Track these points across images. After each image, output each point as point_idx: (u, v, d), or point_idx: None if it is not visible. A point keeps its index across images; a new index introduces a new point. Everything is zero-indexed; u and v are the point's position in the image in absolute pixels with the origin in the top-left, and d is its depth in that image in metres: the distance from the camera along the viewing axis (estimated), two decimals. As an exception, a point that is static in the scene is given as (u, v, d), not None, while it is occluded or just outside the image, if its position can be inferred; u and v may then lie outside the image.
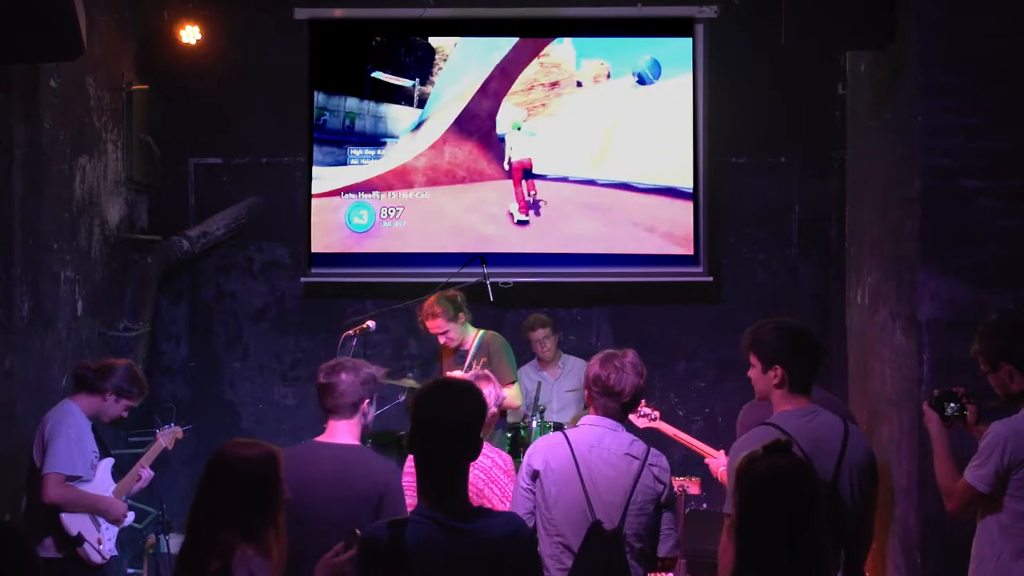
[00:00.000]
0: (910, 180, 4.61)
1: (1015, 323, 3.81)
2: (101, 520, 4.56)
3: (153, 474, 4.83)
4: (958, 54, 4.49)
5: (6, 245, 5.06)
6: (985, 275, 4.45)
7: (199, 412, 6.75)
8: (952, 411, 3.73)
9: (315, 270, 6.99)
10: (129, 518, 4.74)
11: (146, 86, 6.69)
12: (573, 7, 6.97)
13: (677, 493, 4.35)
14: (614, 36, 6.97)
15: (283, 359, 7.18)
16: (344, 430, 3.52)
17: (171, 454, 5.11)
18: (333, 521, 3.25)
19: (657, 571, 3.71)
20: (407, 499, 3.44)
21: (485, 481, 3.93)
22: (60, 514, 4.38)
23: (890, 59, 4.94)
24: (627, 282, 6.95)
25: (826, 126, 6.81)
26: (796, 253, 7.05)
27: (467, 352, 5.59)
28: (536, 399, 5.90)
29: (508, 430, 5.66)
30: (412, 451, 2.64)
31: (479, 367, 5.37)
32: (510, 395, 5.46)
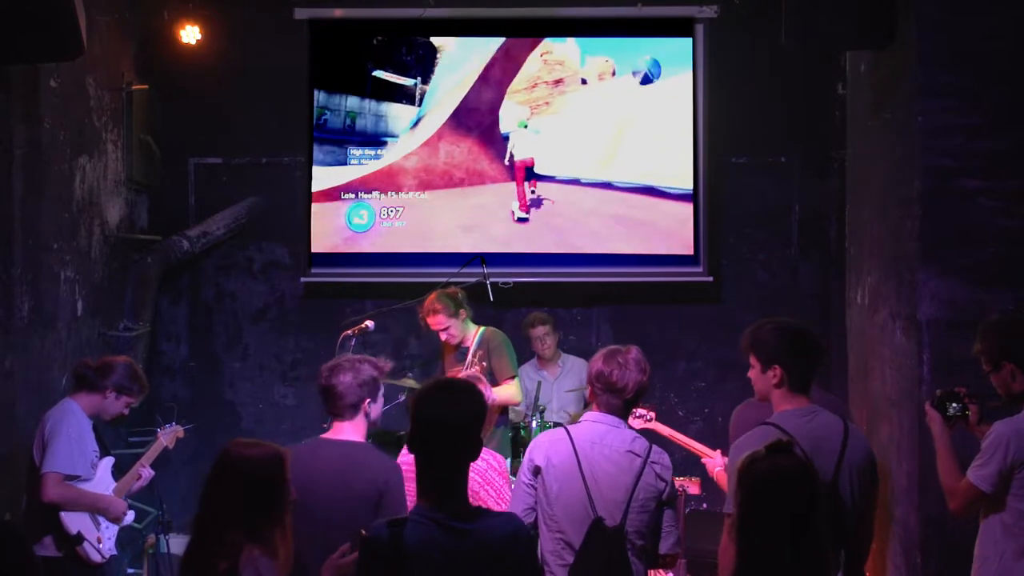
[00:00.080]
0: (910, 180, 4.61)
1: (1017, 323, 3.82)
2: (101, 519, 4.55)
3: (153, 473, 4.83)
4: (958, 54, 4.49)
5: (6, 245, 5.06)
6: (985, 275, 4.45)
7: (199, 412, 6.75)
8: (954, 411, 3.73)
9: (315, 270, 6.99)
10: (129, 517, 4.73)
11: (146, 86, 6.69)
12: (573, 7, 6.97)
13: (678, 492, 4.35)
14: (614, 36, 6.97)
15: (283, 359, 7.18)
16: (348, 429, 3.54)
17: (171, 454, 5.11)
18: (333, 518, 3.26)
19: (658, 569, 3.71)
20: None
21: (480, 484, 3.92)
22: (60, 513, 4.38)
23: (890, 59, 4.94)
24: (627, 282, 6.95)
25: (826, 126, 6.81)
26: (796, 253, 7.05)
27: (468, 349, 5.59)
28: (536, 399, 5.90)
29: (509, 429, 5.65)
30: (413, 451, 2.64)
31: (477, 364, 5.36)
32: (510, 391, 5.45)
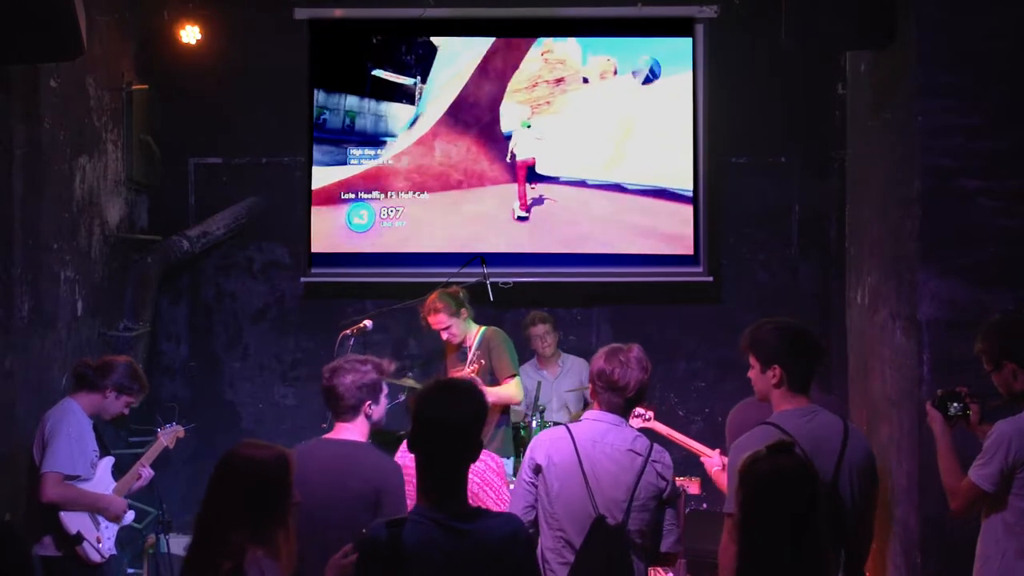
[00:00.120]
0: (910, 180, 4.61)
1: (1018, 322, 3.82)
2: (100, 519, 4.55)
3: (153, 473, 4.82)
4: (958, 54, 4.49)
5: (6, 245, 5.06)
6: (985, 275, 4.45)
7: (199, 412, 6.74)
8: (955, 411, 3.73)
9: (315, 270, 6.98)
10: (129, 517, 4.73)
11: (146, 86, 6.68)
12: (574, 7, 6.96)
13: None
14: (614, 36, 6.97)
15: (283, 359, 7.17)
16: (348, 429, 3.54)
17: (171, 454, 5.10)
18: (331, 517, 3.26)
19: (658, 567, 3.71)
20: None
21: (480, 485, 3.92)
22: (59, 513, 4.38)
23: (890, 59, 4.94)
24: (627, 282, 6.95)
25: (826, 126, 6.81)
26: (796, 253, 7.05)
27: (469, 348, 5.59)
28: (536, 398, 5.90)
29: (511, 428, 5.65)
30: (413, 451, 2.64)
31: (475, 363, 5.36)
32: (510, 390, 5.45)
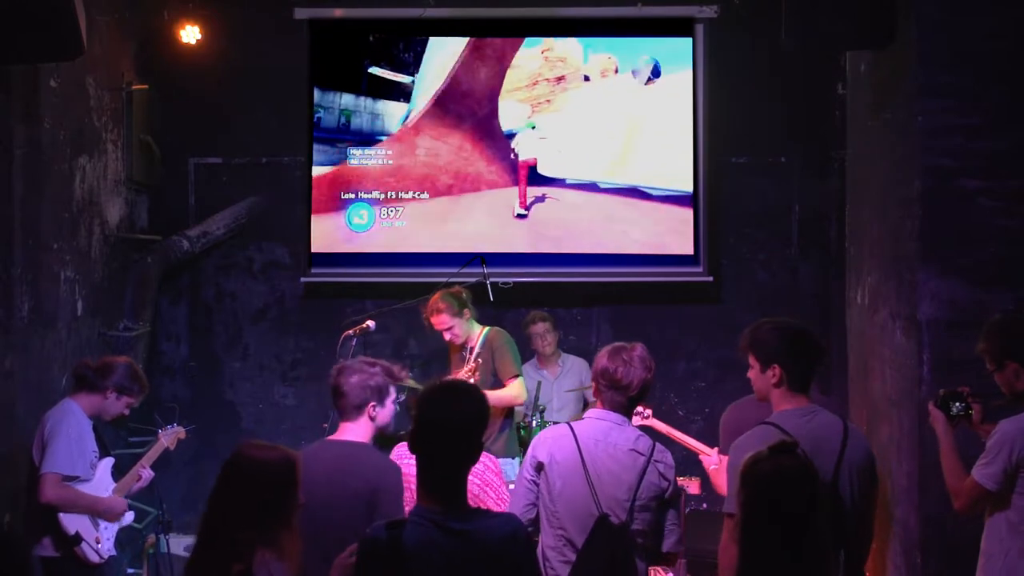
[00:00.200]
0: (910, 180, 4.61)
1: (1020, 322, 3.84)
2: (100, 520, 4.55)
3: (153, 474, 4.82)
4: (958, 54, 4.49)
5: (6, 245, 5.06)
6: (985, 275, 4.45)
7: (199, 412, 6.75)
8: (958, 410, 3.74)
9: (315, 270, 6.98)
10: (128, 518, 4.73)
11: (146, 86, 6.68)
12: (574, 7, 6.96)
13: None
14: (614, 36, 6.96)
15: (283, 359, 7.17)
16: (351, 430, 3.54)
17: (171, 454, 5.10)
18: (332, 518, 3.25)
19: (658, 567, 3.71)
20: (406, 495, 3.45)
21: (481, 487, 3.92)
22: (58, 514, 4.38)
23: (890, 59, 4.94)
24: (627, 282, 6.95)
25: (826, 126, 6.81)
26: (796, 253, 7.05)
27: (473, 349, 5.59)
28: (536, 398, 5.90)
29: (515, 429, 5.65)
30: (414, 452, 2.64)
31: (473, 363, 5.36)
32: (513, 391, 5.45)
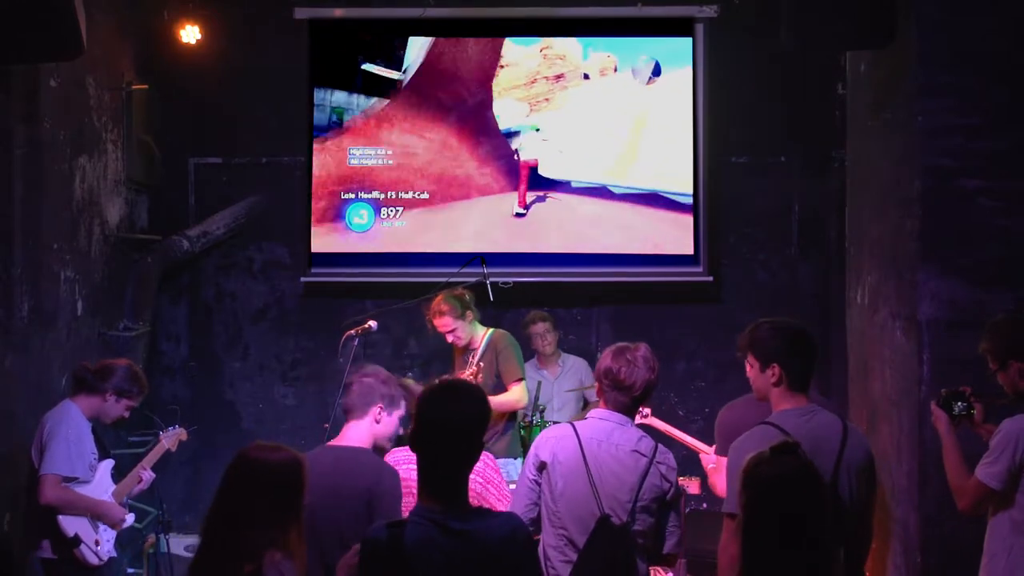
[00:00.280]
0: (910, 180, 4.61)
1: (1023, 322, 3.83)
2: (99, 522, 4.55)
3: (154, 476, 4.81)
4: (958, 54, 4.49)
5: (6, 245, 5.06)
6: (985, 275, 4.45)
7: (199, 412, 6.75)
8: (960, 410, 3.75)
9: (315, 270, 6.98)
10: (129, 519, 4.72)
11: (146, 86, 6.69)
12: (574, 7, 6.96)
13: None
14: (614, 36, 6.97)
15: (283, 359, 7.18)
16: (353, 431, 3.53)
17: (171, 454, 5.10)
18: (330, 519, 3.25)
19: (658, 567, 3.71)
20: (406, 499, 3.44)
21: (483, 484, 3.92)
22: (57, 516, 4.37)
23: (890, 59, 4.94)
24: (627, 282, 6.95)
25: (826, 126, 6.81)
26: (796, 253, 7.05)
27: (476, 351, 5.59)
28: (536, 398, 5.90)
29: (519, 429, 5.64)
30: (415, 451, 2.64)
31: (475, 368, 5.36)
32: (514, 396, 5.46)
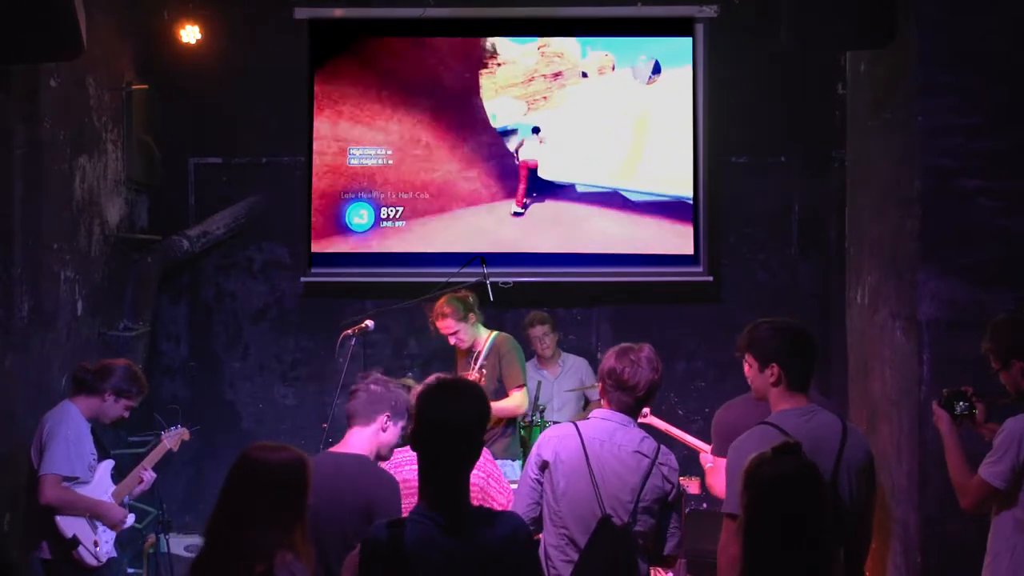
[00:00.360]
0: (910, 180, 4.61)
1: None
2: (98, 522, 4.54)
3: (155, 476, 4.80)
4: (958, 54, 4.49)
5: (6, 245, 5.06)
6: (985, 275, 4.45)
7: (199, 412, 6.75)
8: (961, 410, 3.76)
9: (315, 270, 6.98)
10: (130, 520, 4.72)
11: (146, 86, 6.69)
12: (574, 7, 6.96)
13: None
14: (614, 36, 6.96)
15: (283, 359, 7.17)
16: (357, 438, 3.52)
17: (171, 454, 5.11)
18: (328, 527, 3.22)
19: (658, 568, 3.71)
20: (407, 500, 3.43)
21: (484, 478, 3.91)
22: (55, 516, 4.37)
23: (890, 59, 4.94)
24: (627, 282, 6.95)
25: (826, 126, 6.81)
26: (796, 253, 7.05)
27: (479, 353, 5.59)
28: (536, 398, 5.90)
29: (520, 430, 5.64)
30: (415, 451, 2.64)
31: (476, 373, 5.35)
32: (515, 402, 5.45)
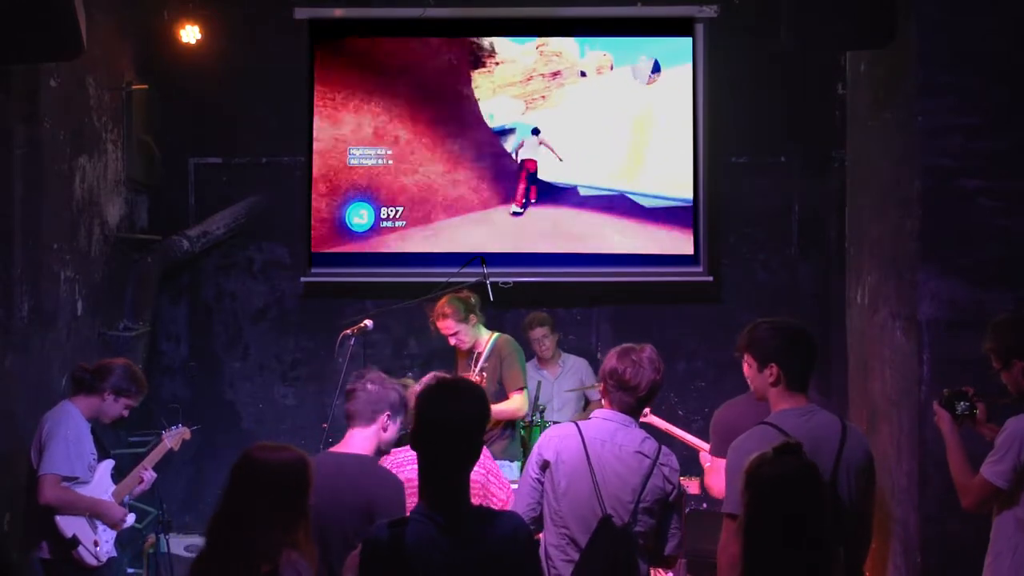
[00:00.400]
0: (910, 180, 4.61)
1: None
2: (98, 521, 4.54)
3: (156, 476, 4.81)
4: (958, 54, 4.49)
5: (6, 245, 5.06)
6: (985, 275, 4.45)
7: (199, 412, 6.75)
8: (963, 410, 3.76)
9: (315, 270, 6.98)
10: (130, 519, 4.72)
11: (146, 86, 6.68)
12: (574, 7, 6.95)
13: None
14: (614, 36, 6.96)
15: (283, 359, 7.17)
16: (358, 439, 3.51)
17: (172, 454, 5.11)
18: (330, 527, 3.20)
19: (658, 568, 3.71)
20: (410, 499, 3.43)
21: (485, 474, 3.91)
22: (55, 516, 4.37)
23: (890, 59, 4.94)
24: (627, 282, 6.95)
25: (826, 126, 6.81)
26: (796, 253, 7.05)
27: (480, 354, 5.59)
28: (536, 398, 5.90)
29: (520, 431, 5.63)
30: (416, 451, 2.64)
31: (478, 376, 5.35)
32: (514, 405, 5.44)
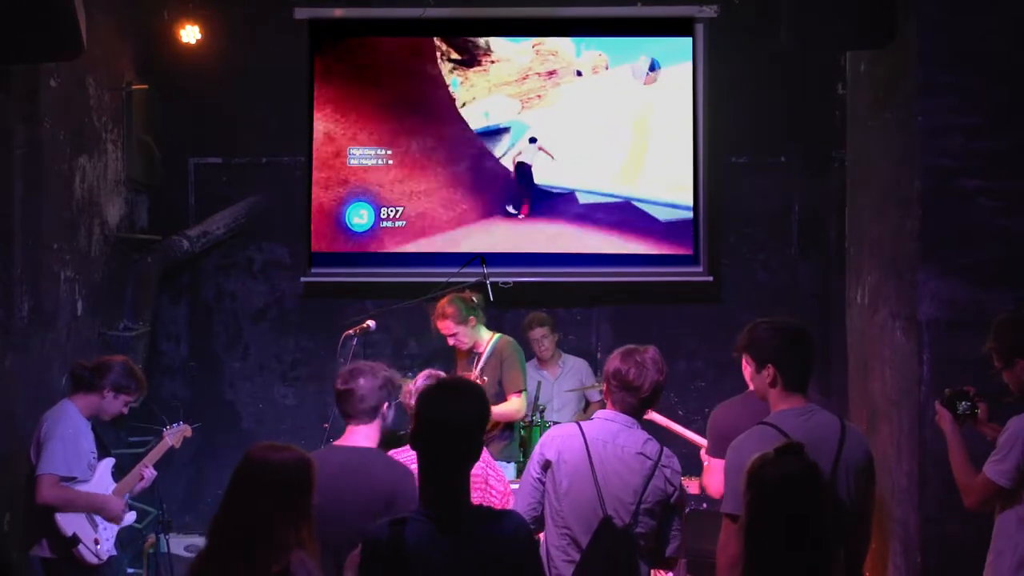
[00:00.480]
0: (910, 180, 4.61)
1: None
2: (99, 520, 4.54)
3: (156, 474, 4.80)
4: (958, 54, 4.49)
5: (6, 245, 5.06)
6: (985, 275, 4.45)
7: (199, 412, 6.74)
8: (964, 409, 3.77)
9: (315, 270, 6.98)
10: (130, 518, 4.72)
11: (146, 86, 6.69)
12: (574, 6, 6.95)
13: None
14: (614, 36, 6.96)
15: (283, 359, 7.17)
16: (362, 434, 3.49)
17: (172, 453, 5.11)
18: (342, 523, 3.16)
19: (658, 569, 3.71)
20: None
21: (484, 466, 3.89)
22: (55, 515, 4.37)
23: (890, 59, 4.94)
24: (627, 282, 6.95)
25: (826, 126, 6.81)
26: (796, 253, 7.05)
27: (480, 355, 5.59)
28: (536, 398, 5.90)
29: (519, 431, 5.63)
30: (416, 451, 2.64)
31: (479, 379, 5.34)
32: (513, 407, 5.43)
